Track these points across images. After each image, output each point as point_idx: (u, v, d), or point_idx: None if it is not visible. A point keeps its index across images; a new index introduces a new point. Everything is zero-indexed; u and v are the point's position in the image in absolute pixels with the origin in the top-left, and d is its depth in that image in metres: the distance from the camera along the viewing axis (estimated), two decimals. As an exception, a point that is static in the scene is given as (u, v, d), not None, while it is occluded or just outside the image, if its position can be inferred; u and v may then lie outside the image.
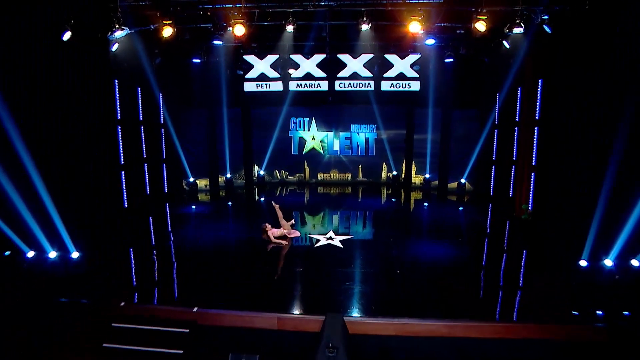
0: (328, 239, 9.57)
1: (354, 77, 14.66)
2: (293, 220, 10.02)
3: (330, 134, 16.87)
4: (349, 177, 17.13)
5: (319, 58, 14.51)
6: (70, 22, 8.73)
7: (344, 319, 5.75)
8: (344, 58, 14.51)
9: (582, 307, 6.28)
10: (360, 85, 14.75)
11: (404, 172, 16.51)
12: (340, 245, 9.16)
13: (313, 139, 16.90)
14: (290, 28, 10.09)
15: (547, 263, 8.05)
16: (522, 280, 7.58)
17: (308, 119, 16.75)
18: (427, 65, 14.49)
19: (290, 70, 14.68)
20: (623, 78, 7.45)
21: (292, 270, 8.06)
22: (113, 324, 6.10)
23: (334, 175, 17.16)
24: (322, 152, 17.00)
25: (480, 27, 9.31)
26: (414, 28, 9.58)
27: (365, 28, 9.94)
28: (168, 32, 9.74)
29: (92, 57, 9.71)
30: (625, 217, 7.15)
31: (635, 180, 7.15)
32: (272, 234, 9.36)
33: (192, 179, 15.67)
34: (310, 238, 9.77)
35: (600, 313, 6.10)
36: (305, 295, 6.89)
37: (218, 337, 6.06)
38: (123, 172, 11.40)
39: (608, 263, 7.28)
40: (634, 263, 7.12)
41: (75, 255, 8.02)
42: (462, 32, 11.02)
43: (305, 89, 14.86)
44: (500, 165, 13.35)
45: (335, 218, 12.49)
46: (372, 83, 14.68)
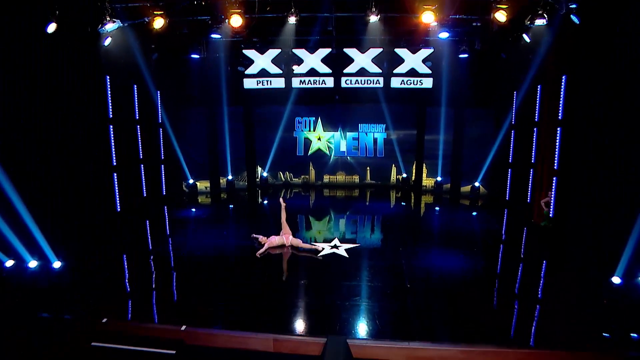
0: (332, 248, 9.03)
1: (362, 73, 13.97)
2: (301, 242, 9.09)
3: (337, 134, 16.32)
4: (357, 179, 16.59)
5: (324, 52, 13.78)
6: (55, 13, 8.20)
7: (348, 342, 5.30)
8: (351, 52, 13.80)
9: (615, 330, 5.66)
10: (369, 82, 14.11)
11: (415, 174, 15.99)
12: (346, 255, 8.64)
13: (319, 140, 16.36)
14: (293, 20, 9.60)
15: (573, 278, 7.43)
16: (546, 299, 6.89)
17: (314, 119, 16.23)
18: (440, 61, 13.91)
19: (294, 66, 14.04)
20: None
21: (291, 284, 7.47)
22: (93, 343, 5.65)
23: (341, 178, 16.63)
24: (328, 153, 16.46)
25: (501, 17, 8.78)
26: (427, 19, 9.10)
27: (374, 19, 9.47)
28: (160, 23, 9.20)
29: (80, 51, 9.22)
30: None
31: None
32: (269, 244, 8.70)
33: (191, 181, 15.17)
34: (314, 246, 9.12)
35: (636, 336, 5.53)
36: (305, 314, 6.31)
37: (208, 359, 5.57)
38: (115, 173, 10.88)
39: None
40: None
41: (57, 265, 7.58)
42: (478, 24, 10.49)
43: (309, 86, 14.22)
44: (517, 169, 12.84)
45: (341, 223, 12.05)
46: (381, 79, 14.04)
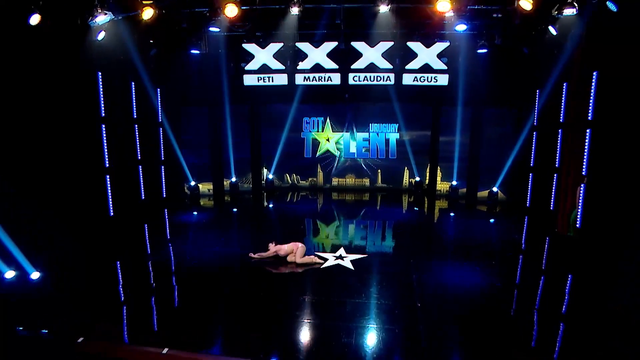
0: (337, 259, 8.30)
1: (371, 69, 13.02)
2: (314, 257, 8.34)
3: (347, 135, 15.56)
4: (367, 182, 15.82)
5: (330, 46, 12.75)
6: (39, 3, 7.64)
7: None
8: (359, 46, 12.76)
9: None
10: (379, 79, 13.17)
11: (428, 178, 15.18)
12: (351, 267, 7.91)
13: (328, 141, 15.63)
14: (296, 10, 8.99)
15: (606, 298, 6.61)
16: (576, 322, 6.08)
17: (322, 119, 15.50)
18: (456, 56, 12.99)
19: (298, 63, 13.18)
20: None
21: (289, 302, 6.64)
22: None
23: (350, 181, 15.87)
24: (337, 154, 15.71)
25: (526, 5, 8.12)
26: (443, 7, 8.48)
27: (384, 10, 8.93)
28: (149, 14, 8.62)
29: (67, 45, 8.63)
30: None
31: None
32: (274, 252, 8.16)
33: (193, 183, 14.55)
34: (317, 256, 8.36)
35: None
36: (301, 338, 5.60)
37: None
38: (108, 176, 10.26)
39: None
40: None
41: (35, 276, 7.00)
42: (499, 15, 9.75)
43: (314, 83, 13.32)
44: (540, 173, 11.95)
45: (350, 230, 11.37)
46: (392, 76, 13.10)
